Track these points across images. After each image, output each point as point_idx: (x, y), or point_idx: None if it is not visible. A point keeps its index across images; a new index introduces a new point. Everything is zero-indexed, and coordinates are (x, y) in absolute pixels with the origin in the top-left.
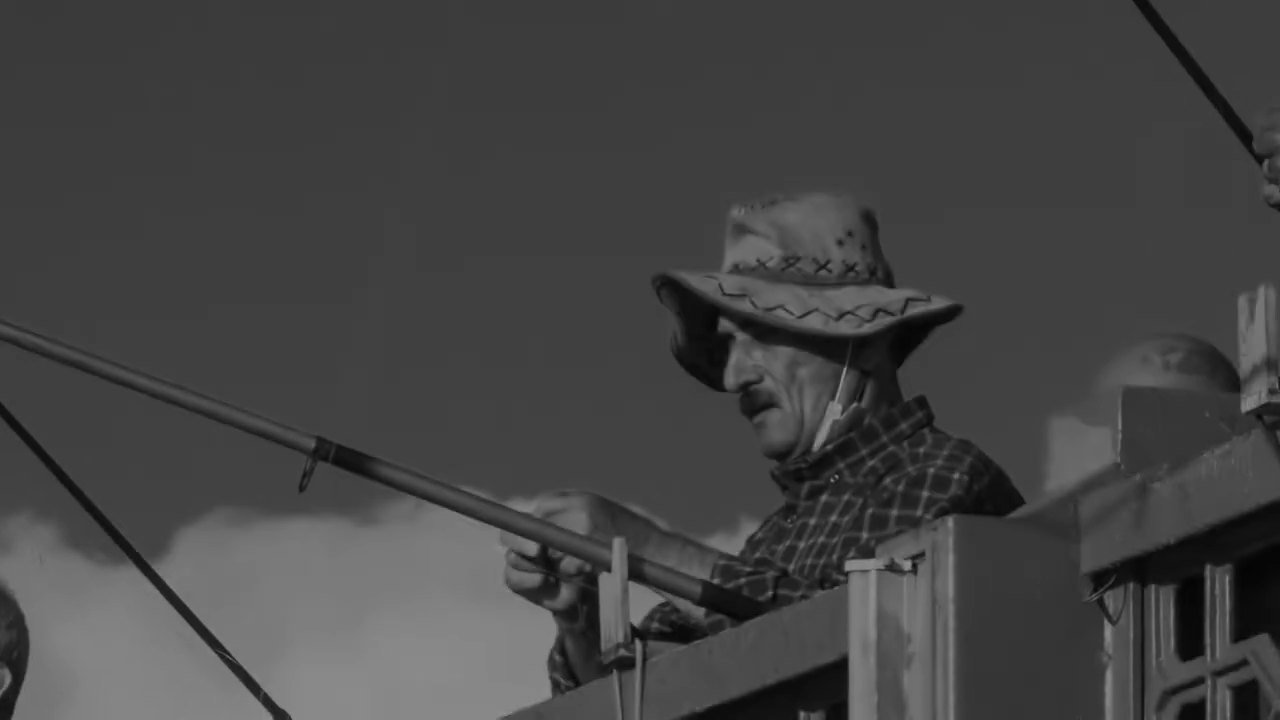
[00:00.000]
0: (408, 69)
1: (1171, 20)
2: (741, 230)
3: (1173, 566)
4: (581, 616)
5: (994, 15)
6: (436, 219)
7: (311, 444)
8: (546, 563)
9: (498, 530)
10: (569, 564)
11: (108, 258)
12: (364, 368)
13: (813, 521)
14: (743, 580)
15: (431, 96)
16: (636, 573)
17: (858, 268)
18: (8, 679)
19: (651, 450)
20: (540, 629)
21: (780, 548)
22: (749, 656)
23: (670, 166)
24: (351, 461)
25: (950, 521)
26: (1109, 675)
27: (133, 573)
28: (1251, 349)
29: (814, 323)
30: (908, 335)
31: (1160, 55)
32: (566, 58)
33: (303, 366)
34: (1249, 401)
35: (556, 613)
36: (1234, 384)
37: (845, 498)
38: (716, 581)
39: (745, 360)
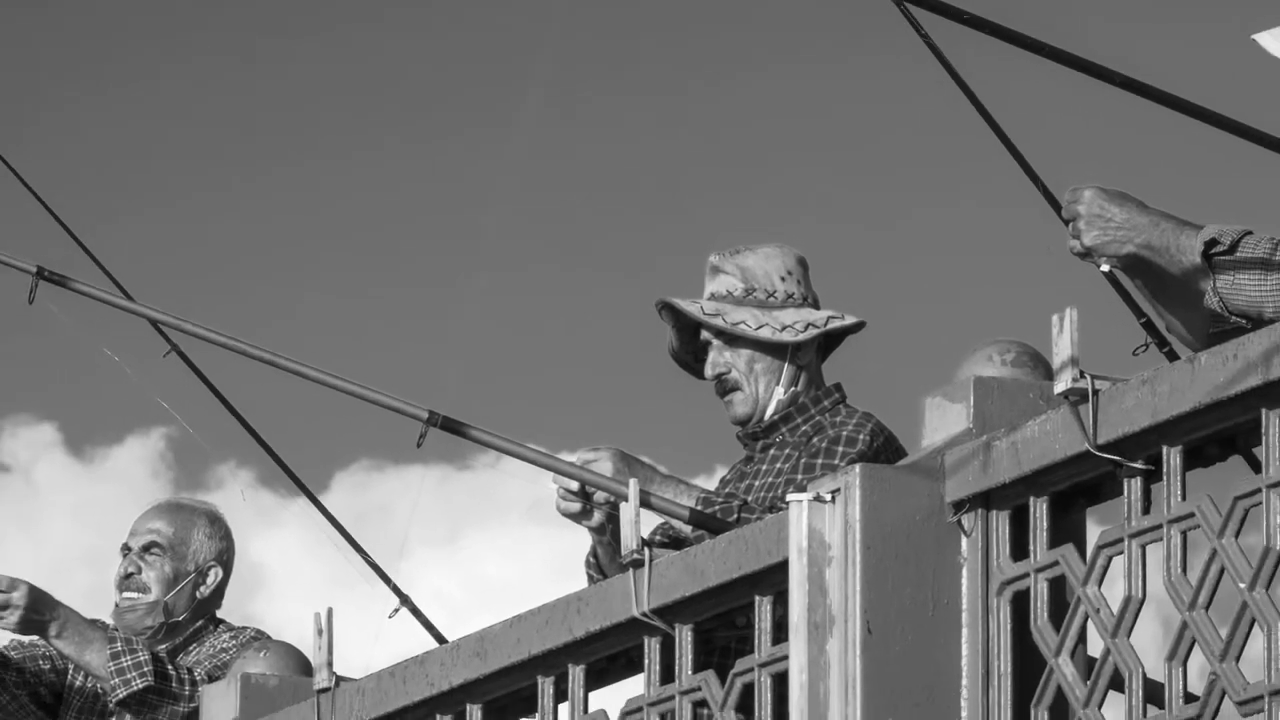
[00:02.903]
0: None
1: (1007, 127)
2: (716, 270)
3: (1008, 498)
4: (608, 532)
5: (889, 140)
6: (517, 242)
7: (425, 415)
8: (584, 496)
9: (551, 473)
10: (599, 496)
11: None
12: (464, 355)
13: (764, 468)
14: (717, 507)
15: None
16: (645, 502)
17: (795, 295)
18: (220, 574)
19: (655, 420)
20: (579, 541)
21: (742, 485)
22: (721, 558)
23: (677, 226)
24: (453, 426)
25: (857, 468)
26: (964, 571)
27: (304, 503)
28: (1061, 351)
29: (765, 333)
30: (829, 341)
31: (998, 151)
32: (623, 155)
33: (421, 351)
34: (1059, 386)
35: (591, 529)
36: (1049, 375)
37: (786, 451)
38: (699, 508)
39: (719, 358)
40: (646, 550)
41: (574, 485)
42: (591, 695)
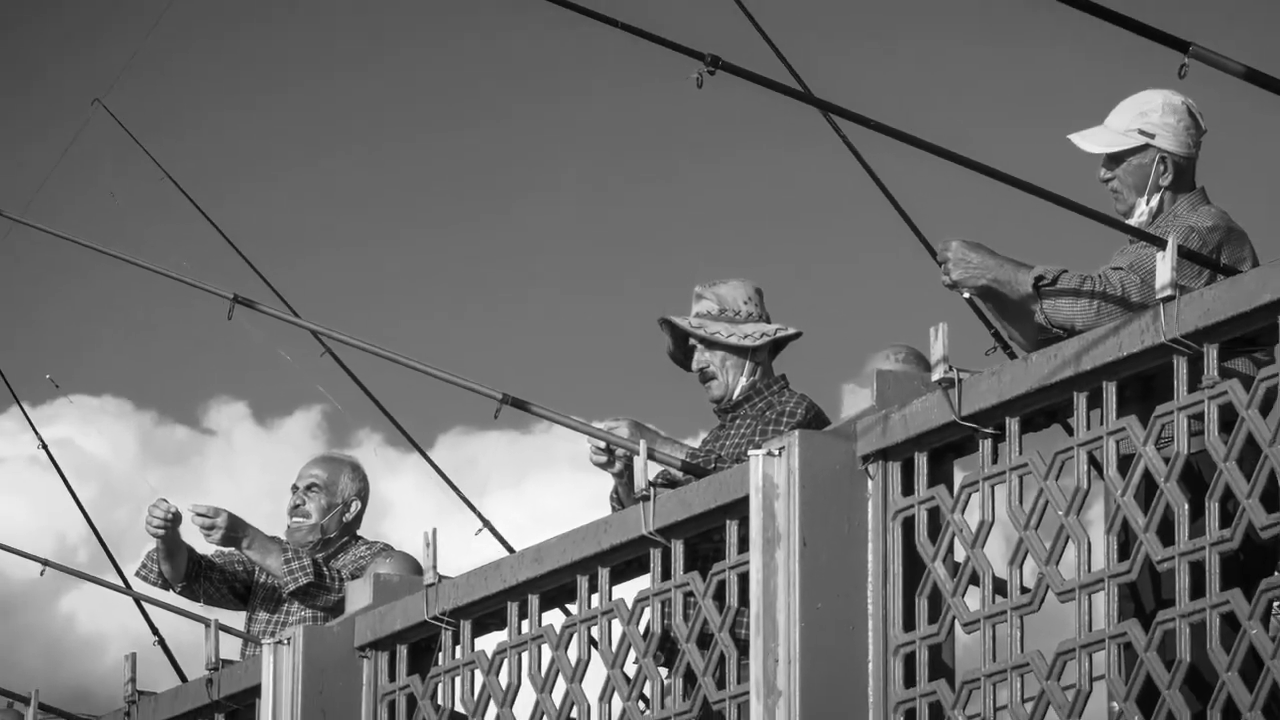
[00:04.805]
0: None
1: (900, 199)
2: (699, 296)
3: (901, 452)
4: (625, 476)
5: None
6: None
7: (500, 395)
8: (609, 451)
9: (586, 436)
10: (620, 452)
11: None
12: (528, 353)
13: (732, 432)
14: (700, 459)
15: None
16: (651, 455)
17: (754, 314)
18: (360, 506)
19: (658, 399)
20: (606, 483)
21: (717, 444)
22: (703, 493)
23: (673, 265)
24: (520, 403)
25: (797, 433)
26: (870, 504)
27: (417, 457)
28: (936, 352)
29: (733, 340)
30: (777, 345)
31: (894, 216)
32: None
33: (499, 350)
34: (934, 376)
35: (613, 475)
36: (928, 368)
37: (747, 422)
38: (689, 460)
39: (701, 357)
40: (652, 489)
41: (602, 444)
42: (614, 589)
